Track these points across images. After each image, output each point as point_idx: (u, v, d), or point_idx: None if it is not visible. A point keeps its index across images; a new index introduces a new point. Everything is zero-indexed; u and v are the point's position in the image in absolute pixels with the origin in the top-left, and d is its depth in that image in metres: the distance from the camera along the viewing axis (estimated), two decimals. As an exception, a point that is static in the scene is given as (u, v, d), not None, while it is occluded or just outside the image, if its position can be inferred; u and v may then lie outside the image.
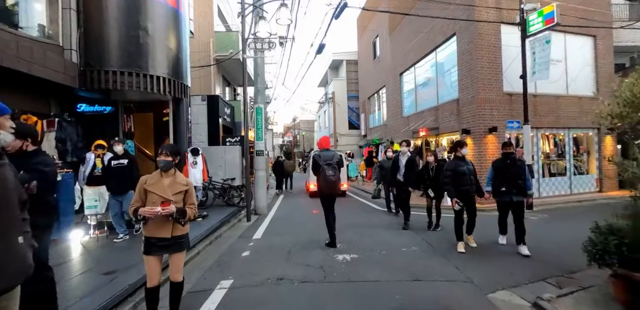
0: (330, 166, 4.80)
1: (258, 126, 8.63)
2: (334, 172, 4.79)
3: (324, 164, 4.81)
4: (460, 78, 9.10)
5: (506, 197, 4.39)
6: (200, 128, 9.74)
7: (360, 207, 9.16)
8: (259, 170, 8.71)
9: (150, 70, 6.26)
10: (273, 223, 7.23)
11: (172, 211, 2.43)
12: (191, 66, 10.23)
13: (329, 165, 4.80)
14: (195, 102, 9.77)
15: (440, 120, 10.22)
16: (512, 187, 4.34)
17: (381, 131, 16.78)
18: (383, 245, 4.91)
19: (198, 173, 6.87)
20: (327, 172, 4.76)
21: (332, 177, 4.78)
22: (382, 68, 16.26)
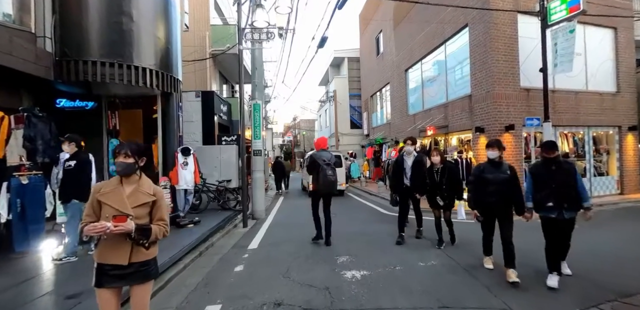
0: (329, 166, 4.94)
1: (256, 124, 8.01)
2: (333, 172, 4.95)
3: (323, 164, 4.92)
4: (472, 72, 8.47)
5: (554, 212, 3.30)
6: (194, 126, 9.12)
7: (366, 211, 8.54)
8: (256, 171, 8.09)
9: (135, 61, 5.63)
10: (272, 229, 6.61)
11: (129, 229, 1.81)
12: (185, 60, 9.61)
13: (328, 166, 4.93)
14: (188, 98, 9.16)
15: (450, 118, 9.59)
16: (562, 200, 3.26)
17: (385, 130, 16.15)
18: (396, 258, 4.29)
19: (189, 175, 6.26)
20: (327, 172, 4.88)
21: (332, 177, 4.93)
22: (385, 65, 15.63)
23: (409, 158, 5.16)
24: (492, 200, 3.54)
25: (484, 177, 3.61)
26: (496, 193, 3.51)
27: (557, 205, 3.27)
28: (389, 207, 8.79)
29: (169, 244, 4.96)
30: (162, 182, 6.29)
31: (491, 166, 3.63)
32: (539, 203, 3.38)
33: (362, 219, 7.23)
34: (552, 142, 3.42)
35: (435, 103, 10.75)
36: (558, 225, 3.34)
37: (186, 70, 10.81)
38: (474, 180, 3.72)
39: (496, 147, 3.59)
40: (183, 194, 6.24)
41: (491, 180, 3.54)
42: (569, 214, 3.29)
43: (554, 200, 3.27)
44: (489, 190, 3.53)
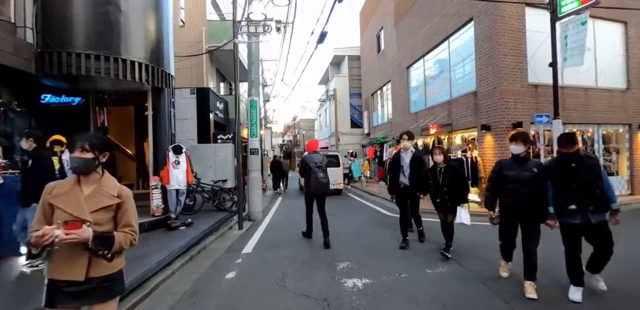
0: (320, 169, 4.96)
1: (252, 122, 7.69)
2: (324, 174, 4.97)
3: (314, 167, 4.94)
4: (478, 68, 8.15)
5: (577, 217, 2.82)
6: (189, 124, 8.81)
7: (367, 212, 8.21)
8: (253, 170, 7.77)
9: (122, 54, 5.31)
10: (268, 231, 6.29)
11: (84, 237, 1.49)
12: (179, 56, 9.29)
13: (319, 168, 4.95)
14: (183, 95, 8.84)
15: (454, 116, 9.27)
16: (587, 201, 2.80)
17: (386, 129, 15.83)
18: (401, 265, 3.96)
19: (181, 174, 5.93)
20: (319, 175, 4.91)
21: (323, 179, 4.94)
22: (386, 62, 15.31)
23: (406, 155, 4.66)
24: (509, 201, 3.14)
25: (503, 174, 3.16)
26: (515, 193, 3.07)
27: (580, 208, 2.80)
28: (390, 208, 8.47)
29: (158, 248, 4.65)
30: (153, 182, 5.97)
31: (514, 162, 3.16)
32: (559, 207, 2.93)
33: (363, 221, 6.90)
34: (570, 134, 2.99)
35: (439, 101, 10.43)
36: (584, 232, 2.88)
37: (181, 67, 10.49)
38: (493, 178, 3.31)
39: (521, 141, 3.09)
40: (175, 194, 5.92)
41: (512, 179, 3.09)
42: (597, 218, 2.81)
43: (577, 202, 2.81)
44: (508, 189, 3.11)
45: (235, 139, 6.78)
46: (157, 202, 5.93)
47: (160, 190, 5.98)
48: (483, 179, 7.81)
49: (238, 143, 6.79)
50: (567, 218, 2.89)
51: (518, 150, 3.12)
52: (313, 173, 4.92)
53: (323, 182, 4.93)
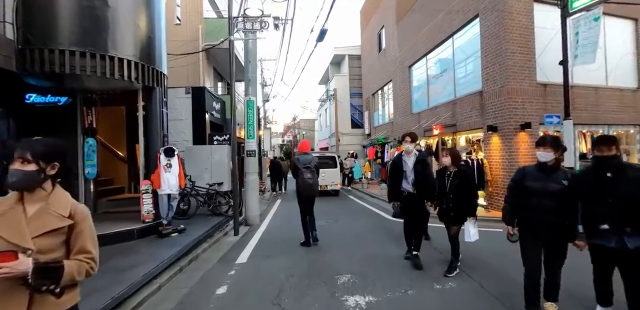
0: (308, 169, 5.01)
1: (249, 122, 7.38)
2: (311, 174, 5.02)
3: (302, 168, 5.01)
4: (484, 66, 7.84)
5: (610, 240, 2.32)
6: (184, 125, 8.50)
7: (369, 217, 7.90)
8: (250, 173, 7.47)
9: (110, 51, 5.00)
10: (265, 238, 5.99)
11: (21, 271, 1.19)
12: (174, 54, 8.99)
13: (307, 169, 5.01)
14: (178, 95, 8.53)
15: (459, 116, 8.96)
16: (623, 221, 2.28)
17: (387, 130, 15.52)
18: (408, 279, 3.65)
19: (173, 178, 5.62)
20: (305, 176, 4.98)
21: (310, 180, 4.99)
22: (388, 61, 15.00)
23: (409, 158, 4.10)
24: (532, 217, 2.64)
25: (526, 186, 2.64)
26: (540, 208, 2.56)
27: (615, 229, 2.29)
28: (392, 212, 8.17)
29: (146, 257, 4.34)
30: (144, 186, 5.66)
31: (540, 172, 2.63)
32: (588, 226, 2.45)
33: (365, 227, 6.59)
34: (610, 137, 2.48)
35: (442, 100, 10.12)
36: (618, 260, 2.37)
37: (177, 66, 10.20)
38: (512, 187, 2.80)
39: (550, 146, 2.55)
40: (166, 199, 5.61)
41: (536, 191, 2.58)
42: (635, 242, 2.24)
43: (611, 221, 2.30)
44: (531, 203, 2.60)
45: (232, 140, 6.46)
46: (147, 208, 5.62)
47: (151, 195, 5.67)
48: (490, 182, 7.50)
49: (234, 144, 6.49)
50: (598, 239, 2.39)
51: (546, 158, 2.58)
52: (300, 174, 5.02)
53: (309, 183, 5.01)
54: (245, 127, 7.36)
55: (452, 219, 3.75)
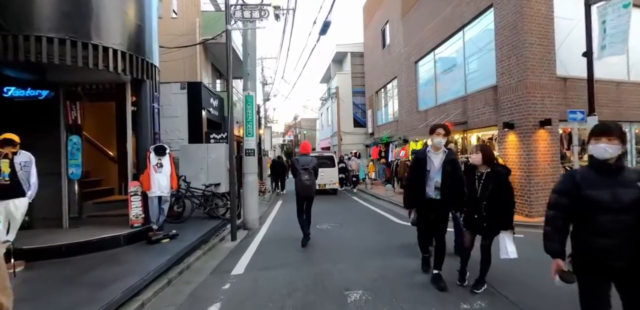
0: (306, 171, 5.06)
1: (248, 119, 6.90)
2: (309, 176, 5.07)
3: (300, 169, 5.07)
4: (499, 60, 7.34)
5: None
6: (179, 122, 8.02)
7: (376, 220, 7.41)
8: (249, 173, 6.98)
9: (93, 38, 4.53)
10: (265, 244, 5.50)
11: None
12: (169, 47, 8.51)
13: (305, 170, 5.07)
14: (173, 90, 8.06)
15: (470, 113, 8.46)
16: None
17: (391, 128, 15.03)
18: (427, 295, 3.16)
19: (164, 179, 5.14)
20: (303, 177, 5.05)
21: (307, 181, 5.05)
22: (392, 58, 14.51)
23: (436, 156, 3.38)
24: (601, 244, 1.76)
25: (587, 196, 1.79)
26: (614, 230, 1.72)
27: None
28: (402, 215, 7.68)
29: (131, 268, 3.87)
30: (132, 187, 5.18)
31: (599, 175, 1.82)
32: None
33: (373, 233, 6.10)
34: None
35: (451, 97, 9.62)
36: None
37: (172, 60, 9.72)
38: (560, 204, 1.90)
39: (617, 136, 1.78)
40: (156, 202, 5.13)
41: (605, 204, 1.74)
42: None
43: None
44: (601, 222, 1.75)
45: (229, 138, 5.98)
46: (136, 211, 5.14)
47: (140, 198, 5.19)
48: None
49: (231, 143, 6.01)
50: None
51: (612, 153, 1.76)
52: (298, 175, 5.09)
53: (307, 184, 5.07)
54: (244, 124, 6.88)
55: (485, 231, 3.13)
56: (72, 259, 4.28)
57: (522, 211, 6.66)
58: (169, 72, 9.75)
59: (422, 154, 3.53)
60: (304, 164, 5.12)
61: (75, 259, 4.26)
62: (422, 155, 3.49)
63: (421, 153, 3.55)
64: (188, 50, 10.17)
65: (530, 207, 6.55)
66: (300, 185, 5.10)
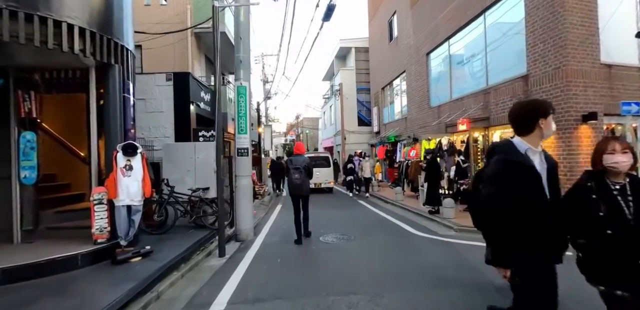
0: (297, 170, 5.31)
1: (240, 113, 5.97)
2: (299, 175, 5.31)
3: (292, 168, 5.35)
4: (530, 44, 6.37)
5: None
6: (164, 118, 7.11)
7: (388, 230, 6.45)
8: (242, 176, 6.05)
9: (41, 10, 3.62)
10: (259, 262, 4.56)
11: None
12: (152, 33, 7.61)
13: (296, 170, 5.32)
14: (157, 82, 7.14)
15: (493, 108, 7.49)
16: None
17: (399, 126, 14.06)
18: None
19: (134, 184, 4.22)
20: (293, 176, 5.33)
21: (297, 180, 5.32)
22: (400, 51, 13.54)
23: (536, 157, 1.76)
24: None
25: None
26: None
27: None
28: (418, 225, 6.72)
29: (75, 304, 2.96)
30: (96, 194, 4.27)
31: None
32: None
33: (389, 248, 5.13)
34: None
35: (469, 90, 8.65)
36: None
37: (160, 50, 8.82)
38: None
39: None
40: (124, 212, 4.21)
41: None
42: None
43: None
44: None
45: (217, 135, 5.07)
46: (101, 224, 4.23)
47: (106, 207, 4.28)
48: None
49: (219, 141, 5.08)
50: None
51: None
52: (290, 174, 5.39)
53: (296, 183, 5.35)
54: (236, 119, 5.96)
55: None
56: (10, 287, 3.37)
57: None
58: (157, 64, 8.85)
59: (517, 155, 1.74)
60: (296, 164, 5.38)
61: (12, 288, 3.35)
62: (521, 159, 1.73)
63: (514, 153, 1.75)
64: (179, 41, 9.27)
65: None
66: (291, 184, 5.44)
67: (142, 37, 8.32)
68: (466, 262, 4.23)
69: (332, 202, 10.67)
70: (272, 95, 26.99)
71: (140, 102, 7.12)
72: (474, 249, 4.81)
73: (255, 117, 15.71)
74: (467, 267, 4.02)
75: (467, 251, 4.72)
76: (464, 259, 4.37)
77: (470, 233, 5.83)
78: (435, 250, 4.83)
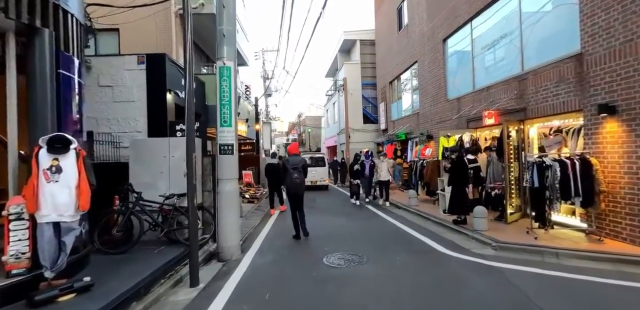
0: (295, 170, 5.67)
1: (223, 101, 4.77)
2: (298, 174, 5.68)
3: (290, 168, 5.67)
4: (586, 14, 5.09)
5: None
6: (136, 109, 5.92)
7: (410, 248, 5.21)
8: (226, 180, 4.84)
9: None
10: (241, 299, 3.33)
11: None
12: (120, 6, 6.40)
13: (295, 169, 5.67)
14: (127, 65, 5.95)
15: (532, 97, 6.22)
16: None
17: (410, 123, 12.80)
18: None
19: (63, 193, 3.02)
20: (293, 175, 5.65)
21: (297, 179, 5.67)
22: (412, 39, 12.28)
23: None
24: None
25: None
26: None
27: None
28: (440, 238, 5.48)
29: None
30: (13, 206, 3.06)
31: None
32: None
33: (418, 276, 3.89)
34: None
35: (499, 78, 7.38)
36: None
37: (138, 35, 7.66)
38: None
39: None
40: (50, 231, 3.01)
41: None
42: None
43: None
44: None
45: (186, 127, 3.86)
46: (18, 248, 3.03)
47: (27, 224, 3.08)
48: (603, 195, 4.76)
49: (191, 134, 3.87)
50: None
51: None
52: (289, 174, 5.66)
53: (297, 182, 5.65)
54: (218, 107, 4.75)
55: None
56: None
57: (635, 238, 4.42)
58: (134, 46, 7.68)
59: None
60: (294, 164, 5.68)
61: None
62: None
63: None
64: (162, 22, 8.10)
65: (647, 231, 4.31)
66: (291, 183, 5.66)
67: (120, 20, 7.16)
68: (534, 301, 2.98)
69: (335, 207, 9.43)
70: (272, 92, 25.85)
71: (107, 90, 5.94)
72: (532, 279, 3.57)
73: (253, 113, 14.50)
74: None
75: (524, 282, 3.47)
76: (528, 296, 3.12)
77: (513, 252, 4.60)
78: (480, 280, 3.58)
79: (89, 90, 5.89)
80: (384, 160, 9.69)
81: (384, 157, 9.86)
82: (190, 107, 3.87)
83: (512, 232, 5.43)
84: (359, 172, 9.88)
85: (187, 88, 3.93)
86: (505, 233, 5.36)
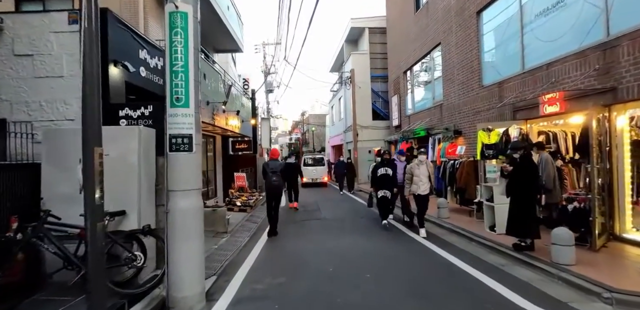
0: (274, 173, 6.04)
1: (174, 67, 3.04)
2: (277, 177, 6.04)
3: (270, 172, 6.04)
4: None
5: None
6: (66, 87, 4.21)
7: (462, 298, 3.43)
8: (180, 193, 3.08)
9: None
10: None
11: None
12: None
13: (273, 173, 6.04)
14: (54, 26, 4.23)
15: (625, 71, 4.40)
16: None
17: (430, 117, 11.00)
18: None
19: None
20: (272, 178, 6.02)
21: (275, 182, 6.04)
22: (433, 19, 10.47)
23: None
24: None
25: None
26: None
27: None
28: (510, 277, 3.60)
29: None
30: None
31: None
32: None
33: None
34: None
35: (567, 50, 5.54)
36: None
37: None
38: None
39: None
40: None
41: None
42: None
43: None
44: None
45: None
46: None
47: None
48: None
49: (90, 113, 2.17)
50: None
51: None
52: (268, 177, 6.07)
53: (275, 184, 6.04)
54: (168, 78, 3.02)
55: None
56: None
57: None
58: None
59: None
60: (273, 168, 6.10)
61: None
62: None
63: None
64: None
65: None
66: (269, 185, 6.09)
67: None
68: None
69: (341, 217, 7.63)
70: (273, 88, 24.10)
71: (25, 61, 4.23)
72: None
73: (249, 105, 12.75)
74: None
75: None
76: None
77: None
78: None
79: (0, 61, 4.20)
80: (423, 161, 5.88)
81: (423, 157, 5.93)
82: (89, 90, 2.13)
83: (617, 269, 3.62)
84: (386, 179, 6.35)
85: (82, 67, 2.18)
86: (606, 270, 3.56)
